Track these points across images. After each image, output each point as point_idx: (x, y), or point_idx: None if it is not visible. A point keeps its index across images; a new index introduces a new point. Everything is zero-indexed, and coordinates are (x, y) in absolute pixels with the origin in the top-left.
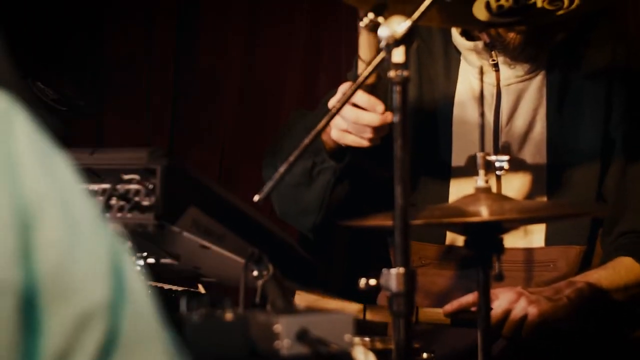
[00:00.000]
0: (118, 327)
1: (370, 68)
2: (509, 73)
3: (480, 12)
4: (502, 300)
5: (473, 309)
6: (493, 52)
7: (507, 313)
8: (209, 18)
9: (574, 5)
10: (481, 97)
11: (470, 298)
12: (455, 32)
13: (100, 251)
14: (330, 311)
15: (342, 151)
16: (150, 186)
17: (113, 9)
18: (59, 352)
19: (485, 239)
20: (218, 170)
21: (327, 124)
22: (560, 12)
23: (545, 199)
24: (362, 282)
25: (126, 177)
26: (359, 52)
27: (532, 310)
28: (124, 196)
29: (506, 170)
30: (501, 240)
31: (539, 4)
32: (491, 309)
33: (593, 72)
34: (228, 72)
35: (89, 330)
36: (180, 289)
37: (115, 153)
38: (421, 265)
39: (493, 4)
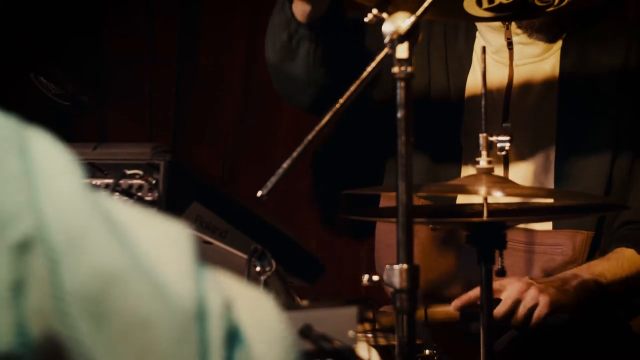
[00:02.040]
0: (52, 238)
1: (374, 63)
2: (523, 53)
3: (470, 6)
4: (512, 290)
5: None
6: (508, 30)
7: (517, 302)
8: (211, 15)
9: (564, 3)
10: (484, 76)
11: (477, 292)
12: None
13: (15, 177)
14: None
15: (314, 23)
16: (154, 181)
17: (115, 5)
18: (9, 285)
19: (488, 232)
20: (220, 168)
21: (331, 121)
22: (550, 9)
23: (552, 182)
24: (365, 277)
25: (129, 172)
26: None
27: (543, 299)
28: (127, 191)
29: (508, 150)
30: (504, 235)
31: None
32: (499, 300)
33: (607, 59)
34: (230, 69)
35: (31, 256)
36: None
37: (119, 148)
38: (433, 229)
39: None
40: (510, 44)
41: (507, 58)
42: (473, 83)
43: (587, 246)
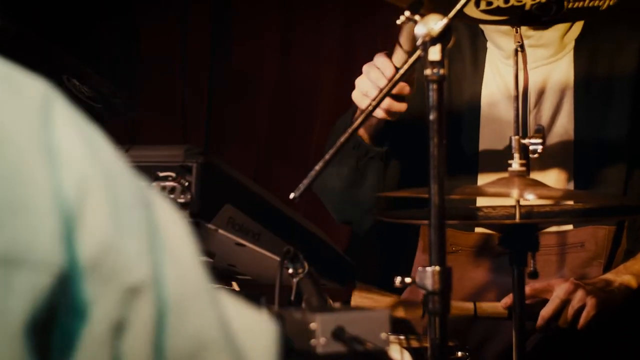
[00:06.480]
0: (165, 294)
1: (406, 66)
2: (536, 55)
3: (468, 7)
4: (560, 290)
5: (528, 301)
6: (518, 33)
7: (565, 303)
8: (244, 16)
9: (559, 14)
10: (516, 77)
11: (528, 290)
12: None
13: (141, 228)
14: (366, 309)
15: (380, 138)
16: (186, 183)
17: (149, 8)
18: (111, 324)
19: (520, 234)
20: (253, 169)
21: (363, 123)
22: (546, 18)
23: (572, 183)
24: (398, 280)
25: (162, 174)
26: (400, 40)
27: (591, 301)
28: (160, 193)
29: (539, 153)
30: (537, 237)
31: (527, 7)
32: (545, 300)
33: (620, 58)
34: (262, 70)
35: (138, 302)
36: (214, 287)
37: (151, 150)
38: (452, 252)
39: (482, 1)
40: (521, 47)
41: (521, 61)
42: (488, 93)
43: (610, 241)
